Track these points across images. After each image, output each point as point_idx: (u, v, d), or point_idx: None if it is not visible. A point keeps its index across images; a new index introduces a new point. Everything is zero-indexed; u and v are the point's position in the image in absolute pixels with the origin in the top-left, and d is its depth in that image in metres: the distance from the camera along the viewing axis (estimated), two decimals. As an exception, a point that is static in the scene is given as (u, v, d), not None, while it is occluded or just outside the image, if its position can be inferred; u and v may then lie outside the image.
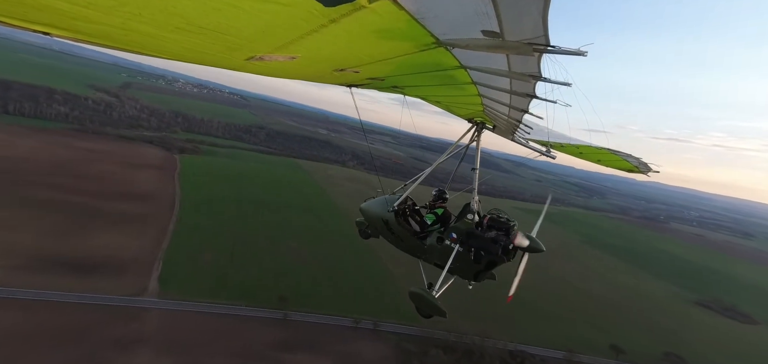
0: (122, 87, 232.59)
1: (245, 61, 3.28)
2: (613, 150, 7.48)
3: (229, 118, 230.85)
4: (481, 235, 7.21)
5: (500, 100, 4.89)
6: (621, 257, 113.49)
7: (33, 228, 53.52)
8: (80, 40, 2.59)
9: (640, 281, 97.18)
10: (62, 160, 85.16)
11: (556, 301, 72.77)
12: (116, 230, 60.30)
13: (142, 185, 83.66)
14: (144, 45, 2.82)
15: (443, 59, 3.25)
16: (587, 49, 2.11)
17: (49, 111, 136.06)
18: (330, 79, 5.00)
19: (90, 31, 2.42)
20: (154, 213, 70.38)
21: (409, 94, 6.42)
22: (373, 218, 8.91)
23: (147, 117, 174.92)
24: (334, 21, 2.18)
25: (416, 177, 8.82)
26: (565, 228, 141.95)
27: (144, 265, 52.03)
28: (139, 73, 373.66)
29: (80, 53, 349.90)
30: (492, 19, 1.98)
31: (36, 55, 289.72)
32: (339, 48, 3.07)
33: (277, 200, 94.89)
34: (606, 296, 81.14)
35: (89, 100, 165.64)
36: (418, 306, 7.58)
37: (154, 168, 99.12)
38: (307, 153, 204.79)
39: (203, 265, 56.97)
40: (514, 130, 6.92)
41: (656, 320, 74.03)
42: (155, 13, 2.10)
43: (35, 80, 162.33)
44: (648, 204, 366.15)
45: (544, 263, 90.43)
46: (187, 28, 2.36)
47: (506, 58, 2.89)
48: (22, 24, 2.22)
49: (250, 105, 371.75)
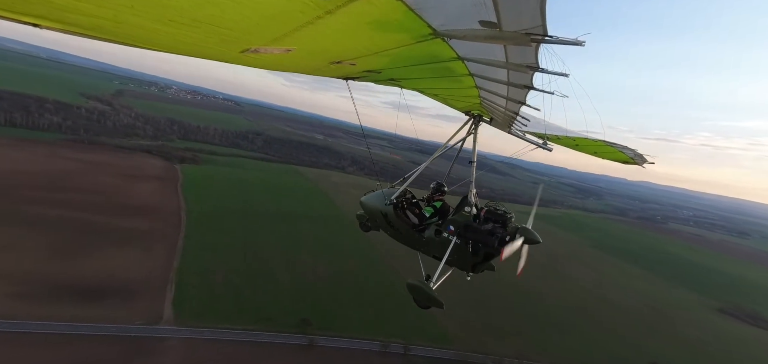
0: (115, 95, 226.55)
1: (240, 53, 3.20)
2: (610, 142, 7.50)
3: (225, 125, 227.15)
4: (479, 227, 7.32)
5: (497, 92, 4.89)
6: (631, 261, 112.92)
7: (34, 249, 49.73)
8: (71, 32, 2.45)
9: (656, 287, 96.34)
10: (59, 173, 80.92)
11: (580, 314, 71.10)
12: (123, 248, 56.72)
13: (146, 197, 79.91)
14: (137, 37, 2.72)
15: (440, 51, 3.23)
16: (585, 39, 2.09)
17: (42, 121, 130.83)
18: (326, 71, 4.88)
19: (81, 23, 2.30)
20: (160, 229, 66.84)
21: (406, 86, 6.30)
22: (373, 211, 9.03)
23: (142, 125, 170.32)
24: (330, 12, 2.14)
25: (414, 170, 8.97)
26: (572, 233, 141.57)
27: (156, 288, 48.64)
28: (130, 80, 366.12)
29: (69, 61, 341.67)
30: (489, 9, 1.96)
31: (24, 63, 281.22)
32: (335, 40, 3.00)
33: (284, 211, 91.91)
34: (628, 306, 79.76)
35: (82, 109, 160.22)
36: (416, 298, 7.70)
37: (156, 179, 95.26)
38: (306, 159, 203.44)
39: (217, 285, 53.75)
40: (511, 122, 6.99)
41: (686, 333, 72.72)
42: (148, 5, 2.05)
43: (25, 89, 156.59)
44: (643, 204, 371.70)
45: (562, 270, 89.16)
46: (181, 20, 2.30)
47: (504, 49, 2.85)
48: (11, 15, 2.09)
49: (244, 111, 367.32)
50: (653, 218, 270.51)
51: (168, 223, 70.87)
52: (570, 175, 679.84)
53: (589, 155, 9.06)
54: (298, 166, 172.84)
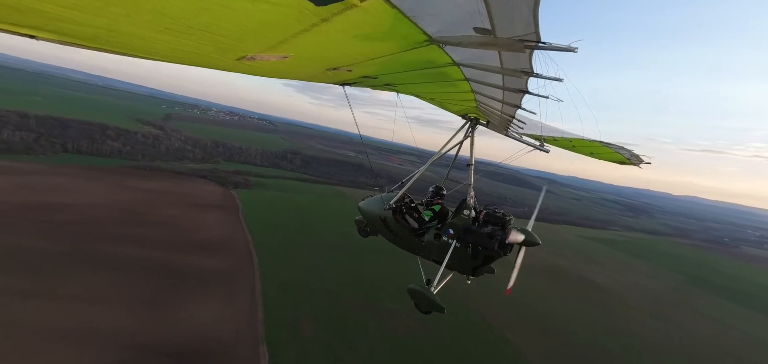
0: (164, 119, 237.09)
1: (236, 61, 3.20)
2: (606, 142, 7.48)
3: (264, 145, 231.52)
4: (478, 230, 7.36)
5: (493, 96, 4.92)
6: (740, 302, 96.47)
7: (124, 299, 46.60)
8: (67, 43, 2.49)
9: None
10: (129, 206, 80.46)
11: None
12: (205, 294, 52.85)
13: (212, 230, 77.43)
14: (133, 46, 2.74)
15: (436, 57, 3.23)
16: (577, 46, 2.11)
17: (105, 148, 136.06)
18: (323, 78, 4.85)
19: (77, 33, 2.33)
20: (235, 268, 63.10)
21: (403, 91, 6.38)
22: (372, 216, 9.11)
23: (191, 148, 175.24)
24: (326, 20, 2.17)
25: (412, 175, 8.99)
26: (650, 262, 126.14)
27: (248, 349, 43.64)
28: (176, 103, 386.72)
29: (121, 87, 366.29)
30: (484, 16, 2.00)
31: (83, 91, 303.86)
32: (331, 47, 3.00)
33: (346, 242, 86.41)
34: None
35: (139, 134, 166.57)
36: (416, 303, 7.69)
37: (217, 209, 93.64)
38: (345, 178, 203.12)
39: (308, 341, 48.14)
40: (507, 125, 7.15)
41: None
42: (144, 14, 2.05)
43: (88, 117, 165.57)
44: (700, 223, 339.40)
45: (674, 318, 76.19)
46: (177, 28, 2.30)
47: (498, 55, 2.90)
48: (7, 27, 2.11)
49: (279, 130, 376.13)
50: (720, 240, 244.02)
51: (240, 259, 67.30)
52: (609, 189, 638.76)
53: (585, 156, 9.02)
54: (340, 187, 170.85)
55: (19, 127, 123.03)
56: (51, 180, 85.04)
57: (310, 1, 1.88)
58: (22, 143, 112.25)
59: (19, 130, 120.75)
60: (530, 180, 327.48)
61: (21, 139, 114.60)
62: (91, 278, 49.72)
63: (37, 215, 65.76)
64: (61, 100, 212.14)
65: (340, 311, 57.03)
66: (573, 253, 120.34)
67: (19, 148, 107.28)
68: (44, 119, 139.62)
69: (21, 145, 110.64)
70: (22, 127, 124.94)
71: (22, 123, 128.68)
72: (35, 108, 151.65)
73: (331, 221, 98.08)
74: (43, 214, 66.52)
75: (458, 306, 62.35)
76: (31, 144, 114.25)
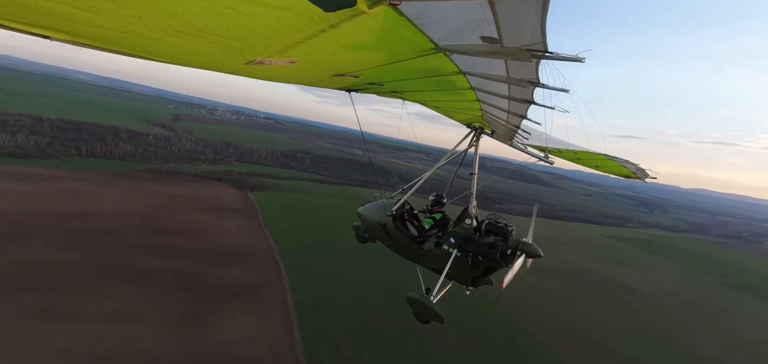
0: (173, 119, 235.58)
1: (245, 64, 3.23)
2: (611, 156, 7.50)
3: (272, 145, 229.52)
4: (479, 240, 7.25)
5: (499, 106, 4.92)
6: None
7: (157, 317, 44.37)
8: (79, 44, 2.54)
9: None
10: (149, 211, 78.46)
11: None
12: (236, 309, 50.56)
13: (236, 237, 75.25)
14: (144, 48, 2.78)
15: (442, 65, 3.26)
16: (585, 56, 2.11)
17: (118, 150, 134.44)
18: (329, 83, 4.87)
19: (90, 35, 2.38)
20: (263, 280, 60.77)
21: (408, 98, 6.41)
22: (371, 223, 9.00)
23: (203, 149, 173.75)
24: (334, 26, 2.19)
25: (414, 181, 8.98)
26: (676, 262, 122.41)
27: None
28: (182, 103, 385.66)
29: (127, 88, 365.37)
30: (491, 25, 2.01)
31: (91, 92, 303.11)
32: (338, 52, 3.03)
33: (372, 249, 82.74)
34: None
35: (150, 136, 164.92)
36: (416, 312, 7.60)
37: (237, 213, 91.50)
38: (356, 178, 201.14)
39: (348, 361, 45.76)
40: (512, 135, 7.07)
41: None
42: (156, 16, 2.09)
43: (98, 119, 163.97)
44: (714, 217, 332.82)
45: (718, 326, 72.74)
46: (188, 31, 2.33)
47: (505, 64, 2.92)
48: (22, 27, 2.16)
49: (286, 129, 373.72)
50: (738, 235, 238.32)
51: (267, 269, 64.97)
52: (620, 184, 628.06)
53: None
54: (352, 187, 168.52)
55: (33, 131, 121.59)
56: (69, 186, 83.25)
57: (319, 6, 1.89)
58: (37, 147, 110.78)
59: (34, 134, 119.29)
60: (541, 176, 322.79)
61: (35, 144, 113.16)
62: (120, 293, 47.59)
63: (57, 223, 63.83)
64: (70, 103, 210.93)
65: (376, 326, 54.48)
66: (597, 255, 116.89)
67: (34, 153, 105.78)
68: (57, 122, 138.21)
69: (36, 149, 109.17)
70: (36, 130, 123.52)
71: (36, 127, 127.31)
72: (46, 111, 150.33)
73: (352, 226, 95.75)
74: (63, 222, 64.57)
75: (504, 325, 59.72)
76: (46, 148, 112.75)
